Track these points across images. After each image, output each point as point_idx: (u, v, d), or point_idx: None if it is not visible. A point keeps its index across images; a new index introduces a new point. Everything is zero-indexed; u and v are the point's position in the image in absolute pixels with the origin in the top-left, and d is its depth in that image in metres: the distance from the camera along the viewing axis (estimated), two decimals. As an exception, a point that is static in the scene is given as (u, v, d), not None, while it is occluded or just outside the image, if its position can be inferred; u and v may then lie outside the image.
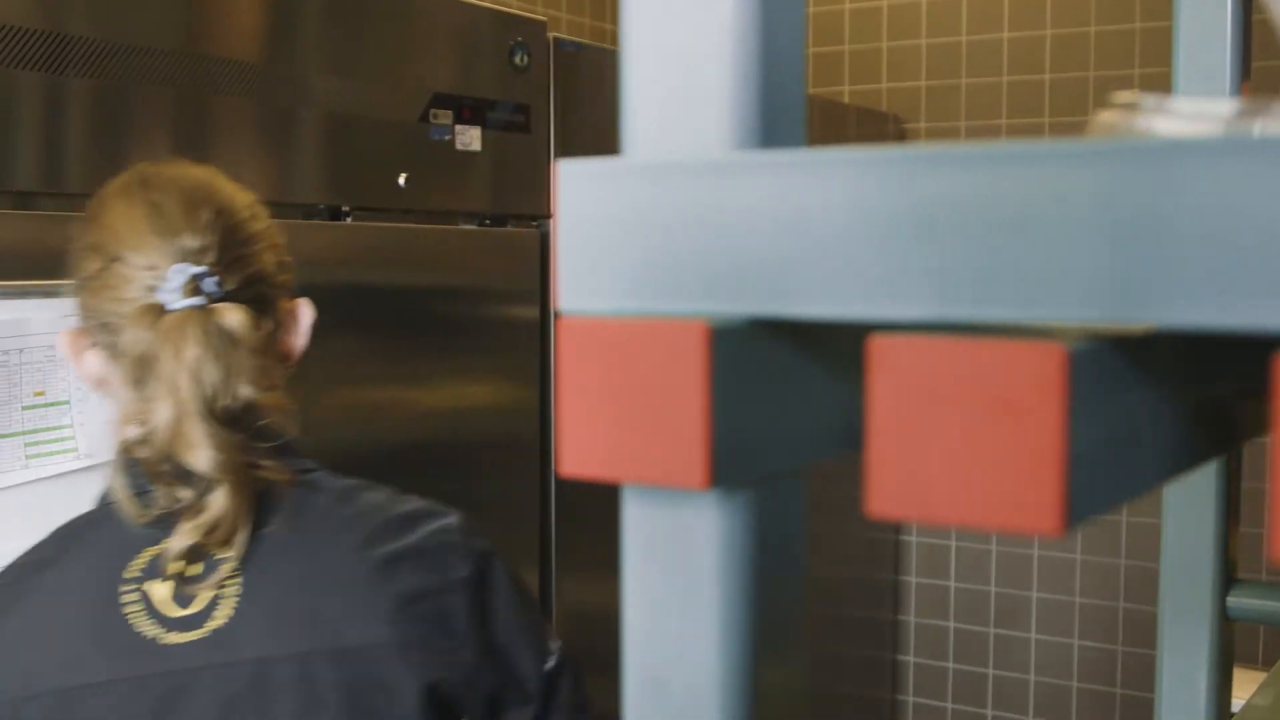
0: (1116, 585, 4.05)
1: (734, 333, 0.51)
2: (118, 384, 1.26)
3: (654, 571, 0.54)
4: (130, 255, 1.24)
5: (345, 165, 2.30)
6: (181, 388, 1.17)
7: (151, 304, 1.21)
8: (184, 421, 1.17)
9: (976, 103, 4.17)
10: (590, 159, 0.55)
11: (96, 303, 1.26)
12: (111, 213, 1.28)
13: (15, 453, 1.76)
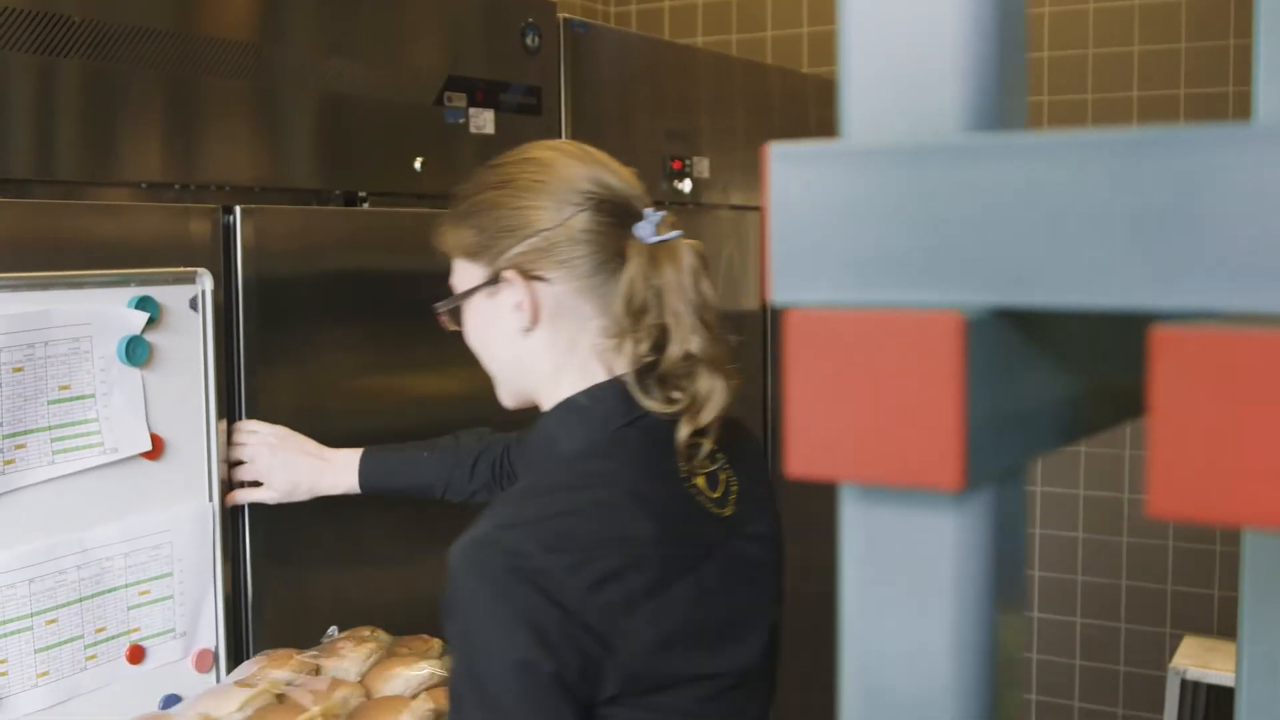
0: (1119, 564, 4.05)
1: (982, 324, 0.48)
2: (580, 315, 1.47)
3: (882, 576, 0.51)
4: (611, 200, 1.46)
5: (360, 150, 2.25)
6: (689, 298, 1.41)
7: (635, 240, 1.44)
8: (696, 324, 1.40)
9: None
10: (804, 143, 0.52)
11: (580, 240, 1.44)
12: (569, 167, 1.47)
13: (42, 448, 1.72)
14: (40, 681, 1.72)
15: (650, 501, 1.39)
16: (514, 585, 1.28)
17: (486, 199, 1.50)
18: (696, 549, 1.42)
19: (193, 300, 1.89)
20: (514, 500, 1.40)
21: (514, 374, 1.54)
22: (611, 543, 1.34)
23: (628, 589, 1.32)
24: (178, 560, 1.89)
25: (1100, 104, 4.01)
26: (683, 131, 3.10)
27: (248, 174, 2.06)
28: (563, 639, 1.28)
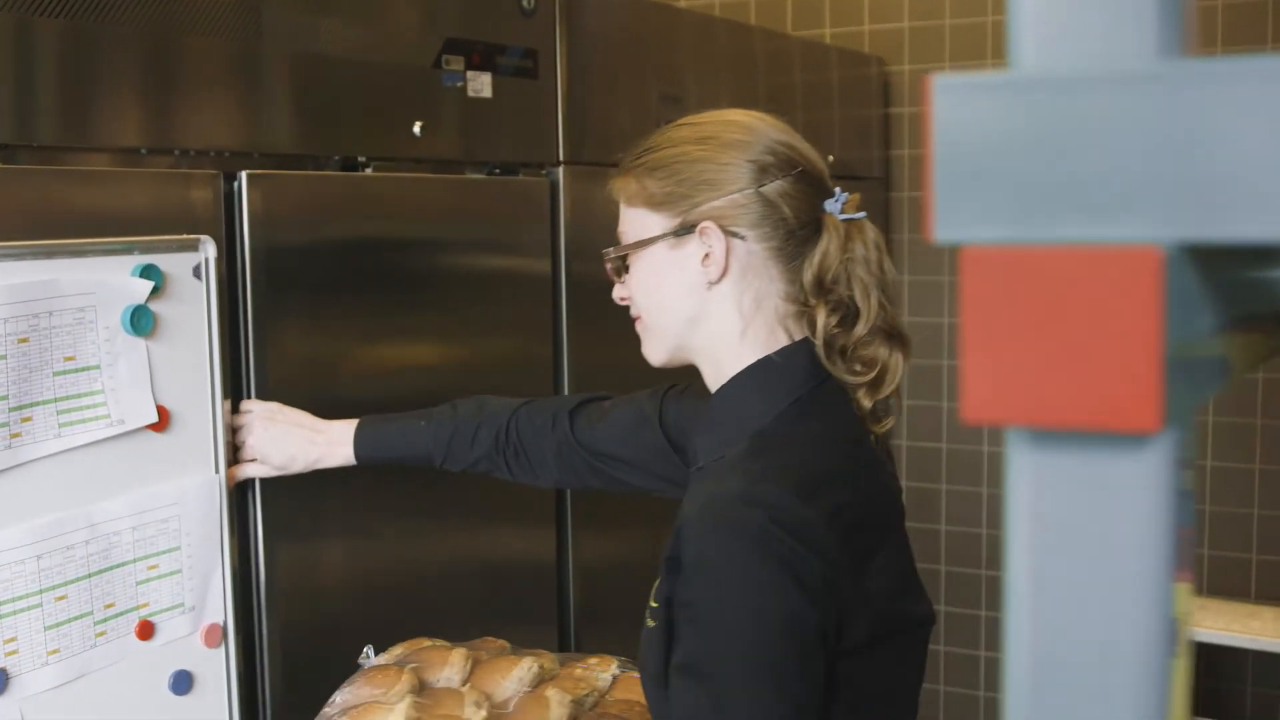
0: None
1: (1175, 259, 0.45)
2: (767, 276, 1.49)
3: (1058, 530, 0.48)
4: (811, 170, 1.49)
5: (359, 114, 2.21)
6: (875, 276, 1.46)
7: (829, 214, 1.47)
8: (882, 300, 1.45)
9: (961, 44, 4.12)
10: (970, 74, 0.49)
11: (781, 203, 1.46)
12: (775, 130, 1.50)
13: (48, 421, 1.67)
14: (51, 659, 1.69)
15: (860, 454, 1.46)
16: (776, 538, 1.30)
17: (685, 152, 1.50)
18: (894, 499, 1.50)
19: (196, 268, 1.85)
20: (745, 461, 1.40)
21: (683, 327, 1.54)
22: (852, 492, 1.41)
23: (868, 538, 1.39)
24: (185, 534, 1.85)
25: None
26: (676, 95, 3.06)
27: (244, 139, 2.02)
28: (826, 591, 1.31)
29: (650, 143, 1.55)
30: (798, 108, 3.69)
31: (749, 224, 1.48)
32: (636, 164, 1.55)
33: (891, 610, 1.41)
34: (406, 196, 2.26)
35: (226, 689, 1.92)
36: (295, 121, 2.09)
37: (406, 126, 2.27)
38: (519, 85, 2.51)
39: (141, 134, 1.86)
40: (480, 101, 2.42)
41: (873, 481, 1.48)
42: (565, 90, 2.64)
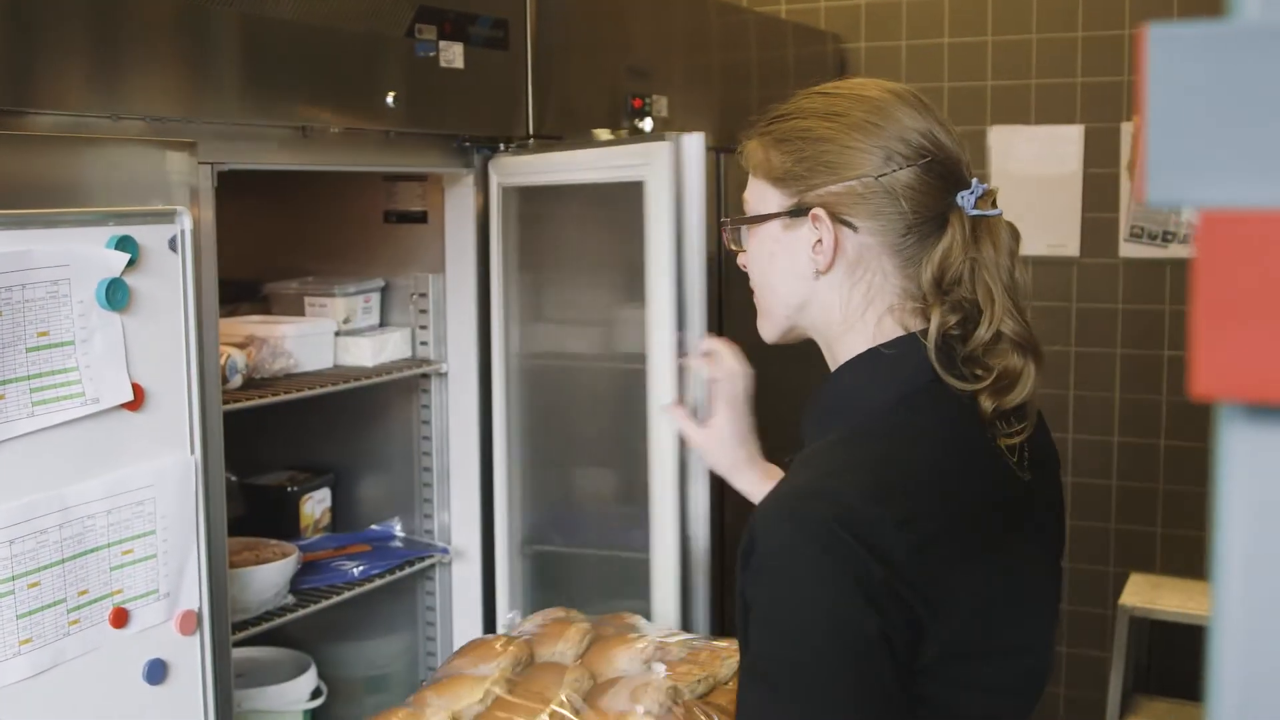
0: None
1: None
2: (880, 270, 1.38)
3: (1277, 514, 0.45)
4: (943, 159, 1.36)
5: (331, 84, 2.14)
6: (1004, 280, 1.34)
7: (958, 208, 1.35)
8: (1008, 305, 1.33)
9: (918, 21, 4.10)
10: (1188, 23, 0.45)
11: (901, 195, 1.34)
12: (906, 116, 1.36)
13: (22, 399, 1.60)
14: (23, 649, 1.62)
15: (967, 459, 1.34)
16: (839, 537, 1.20)
17: (810, 128, 1.39)
18: (1006, 513, 1.36)
19: (172, 240, 1.78)
20: (830, 450, 1.32)
21: (790, 310, 1.45)
22: (934, 497, 1.28)
23: (950, 547, 1.26)
24: (161, 517, 1.78)
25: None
26: (643, 69, 3.01)
27: (214, 107, 1.94)
28: (889, 597, 1.20)
29: (783, 109, 1.44)
30: (753, 84, 3.65)
31: (864, 215, 1.36)
32: (766, 130, 1.44)
33: (979, 629, 1.29)
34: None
35: (201, 678, 1.85)
36: (264, 89, 2.02)
37: (379, 96, 2.21)
38: (489, 56, 2.45)
39: (108, 100, 1.78)
40: (452, 72, 2.36)
41: (983, 484, 1.34)
42: (533, 61, 2.58)
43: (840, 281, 1.39)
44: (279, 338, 2.42)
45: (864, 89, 1.41)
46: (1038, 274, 4.03)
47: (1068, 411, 4.05)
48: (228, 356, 2.22)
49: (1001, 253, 1.34)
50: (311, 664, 2.56)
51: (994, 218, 1.36)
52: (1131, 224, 3.94)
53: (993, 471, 1.34)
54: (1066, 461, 4.05)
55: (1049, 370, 2.92)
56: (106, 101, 1.78)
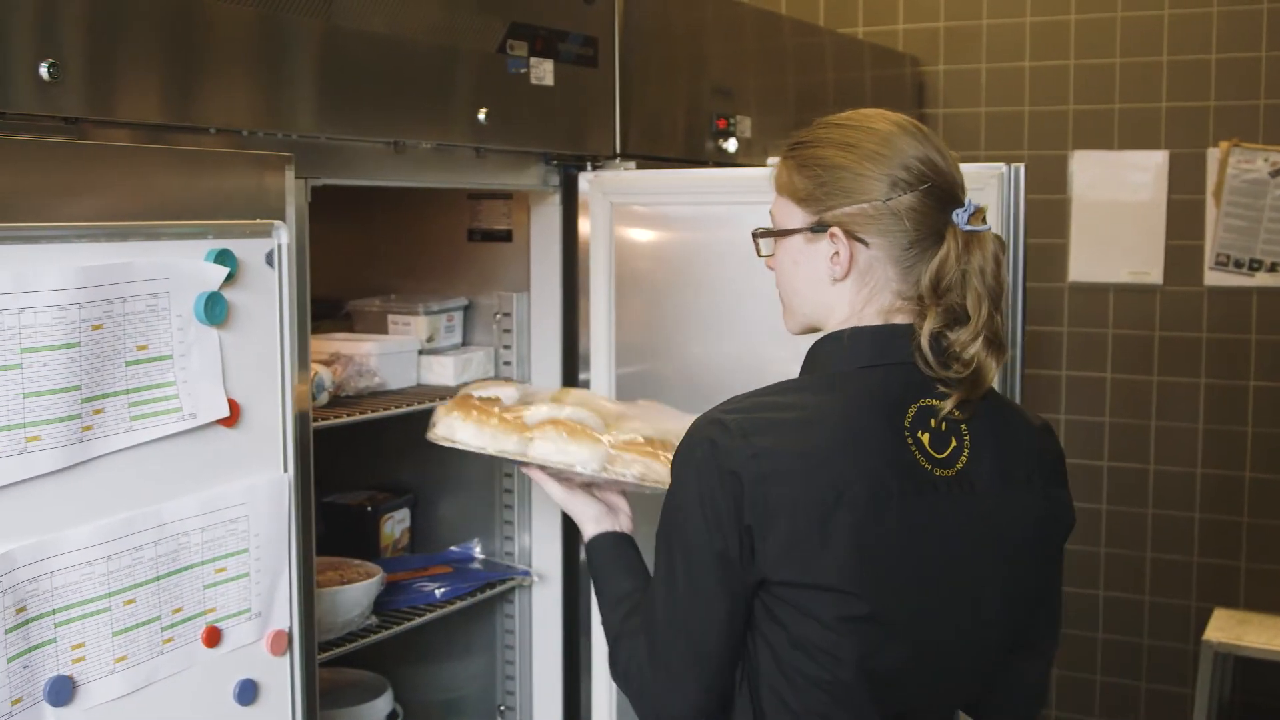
0: (1144, 536, 3.99)
1: None
2: (884, 276, 1.58)
3: None
4: (940, 185, 1.56)
5: (424, 99, 2.12)
6: (988, 287, 1.54)
7: (953, 225, 1.56)
8: (981, 313, 1.53)
9: (999, 44, 4.05)
10: None
11: (904, 217, 1.55)
12: (910, 146, 1.57)
13: (120, 414, 1.58)
14: (118, 667, 1.59)
15: (855, 434, 1.52)
16: (709, 458, 1.50)
17: (829, 157, 1.59)
18: (886, 487, 1.51)
19: (269, 255, 1.75)
20: (760, 391, 1.59)
21: (810, 310, 1.66)
22: (793, 449, 1.50)
23: (793, 491, 1.48)
24: (254, 535, 1.75)
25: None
26: (726, 89, 2.98)
27: (311, 121, 1.93)
28: (730, 516, 1.49)
29: (804, 136, 1.64)
30: (829, 105, 3.61)
31: (874, 233, 1.58)
32: (790, 155, 1.65)
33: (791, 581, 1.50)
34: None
35: (290, 699, 1.82)
36: (359, 104, 2.00)
37: (471, 112, 2.19)
38: (579, 74, 2.43)
39: (207, 114, 1.77)
40: (542, 89, 2.34)
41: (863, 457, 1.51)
42: (620, 80, 2.55)
43: (850, 286, 1.61)
44: (364, 355, 2.40)
45: (872, 121, 1.60)
46: (1119, 302, 3.96)
47: (1149, 442, 3.97)
48: (315, 374, 2.20)
49: (989, 262, 1.55)
50: (388, 686, 2.53)
51: (983, 232, 1.57)
52: (1217, 251, 3.86)
53: (897, 451, 1.53)
54: (1147, 492, 3.98)
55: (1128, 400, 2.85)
56: (205, 115, 1.76)
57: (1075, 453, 4.02)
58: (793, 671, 1.52)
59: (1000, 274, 1.57)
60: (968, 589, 1.56)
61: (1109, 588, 4.05)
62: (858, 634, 1.50)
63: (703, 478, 1.51)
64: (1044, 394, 4.06)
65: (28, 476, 1.47)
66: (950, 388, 1.55)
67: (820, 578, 1.48)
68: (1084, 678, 4.10)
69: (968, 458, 1.57)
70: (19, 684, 1.48)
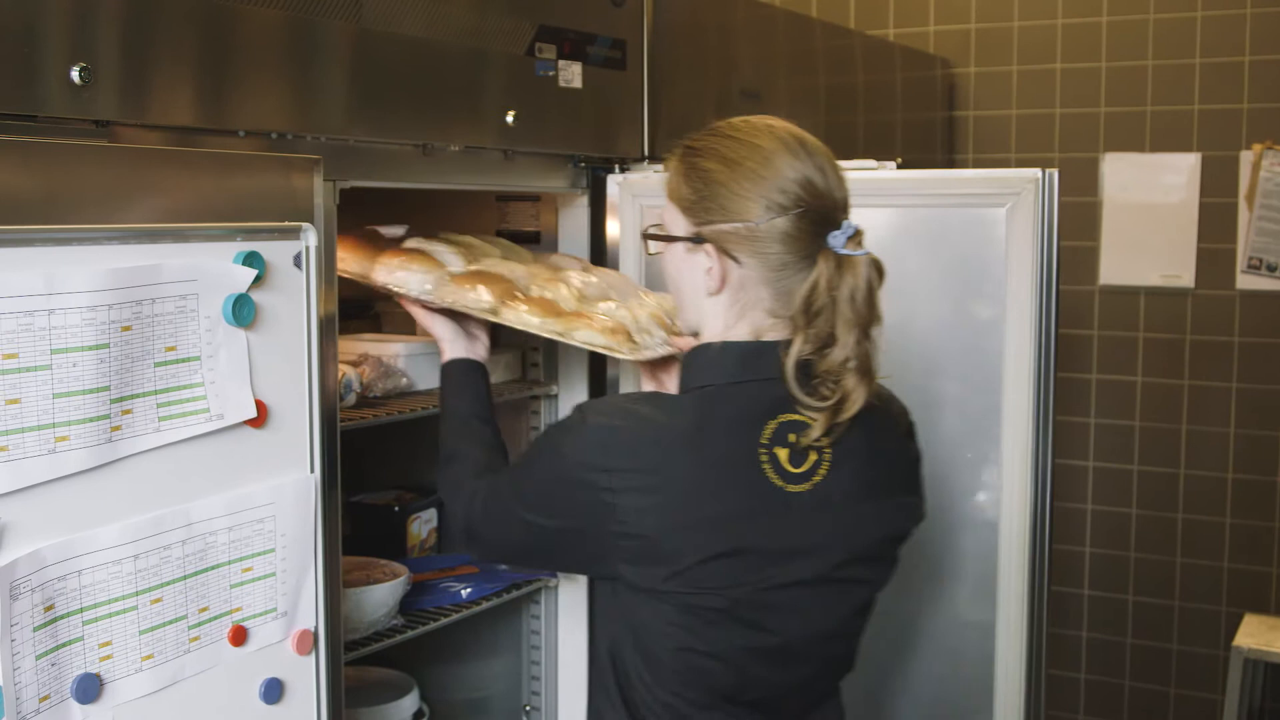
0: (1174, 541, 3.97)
1: None
2: (756, 295, 1.62)
3: None
4: (815, 209, 1.58)
5: (452, 101, 2.13)
6: (858, 313, 1.56)
7: (827, 248, 1.58)
8: (853, 336, 1.56)
9: (1030, 46, 4.04)
10: None
11: (774, 240, 1.58)
12: (788, 167, 1.59)
13: (148, 414, 1.59)
14: (145, 665, 1.60)
15: (701, 447, 1.58)
16: (565, 447, 1.62)
17: (711, 172, 1.63)
18: (734, 508, 1.58)
19: (297, 257, 1.77)
20: (617, 396, 1.79)
21: (692, 315, 1.72)
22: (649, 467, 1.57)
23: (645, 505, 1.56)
24: (280, 535, 1.77)
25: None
26: (754, 91, 2.98)
27: (338, 122, 1.94)
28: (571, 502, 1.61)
29: (695, 141, 1.69)
30: (860, 107, 3.61)
31: (747, 253, 1.61)
32: (682, 160, 1.69)
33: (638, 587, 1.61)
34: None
35: (316, 698, 1.84)
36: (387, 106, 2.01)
37: (499, 114, 2.20)
38: (608, 77, 2.43)
39: (235, 116, 1.78)
40: (570, 91, 2.34)
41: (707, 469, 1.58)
42: (649, 83, 2.56)
43: (724, 301, 1.65)
44: (392, 356, 2.41)
45: (758, 136, 1.63)
46: (1150, 305, 3.95)
47: (1180, 446, 3.96)
48: (343, 374, 2.21)
49: (860, 289, 1.57)
50: (415, 685, 2.54)
51: (857, 257, 1.58)
52: (1250, 255, 3.84)
53: (746, 466, 1.58)
54: (1177, 497, 3.96)
55: (1159, 404, 2.79)
56: (234, 118, 1.78)
57: (1105, 456, 4.00)
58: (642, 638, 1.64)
59: (872, 300, 1.58)
60: (819, 591, 1.63)
61: (1139, 593, 4.03)
62: (708, 628, 1.59)
63: (567, 465, 1.61)
64: (1074, 397, 4.04)
65: (57, 476, 1.49)
66: (815, 413, 1.57)
67: (661, 586, 1.58)
68: (1113, 682, 4.09)
69: (826, 471, 1.61)
70: (47, 681, 1.49)
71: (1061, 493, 4.08)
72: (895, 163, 2.27)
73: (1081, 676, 4.12)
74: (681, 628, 1.60)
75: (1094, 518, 4.05)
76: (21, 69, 1.51)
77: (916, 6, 4.17)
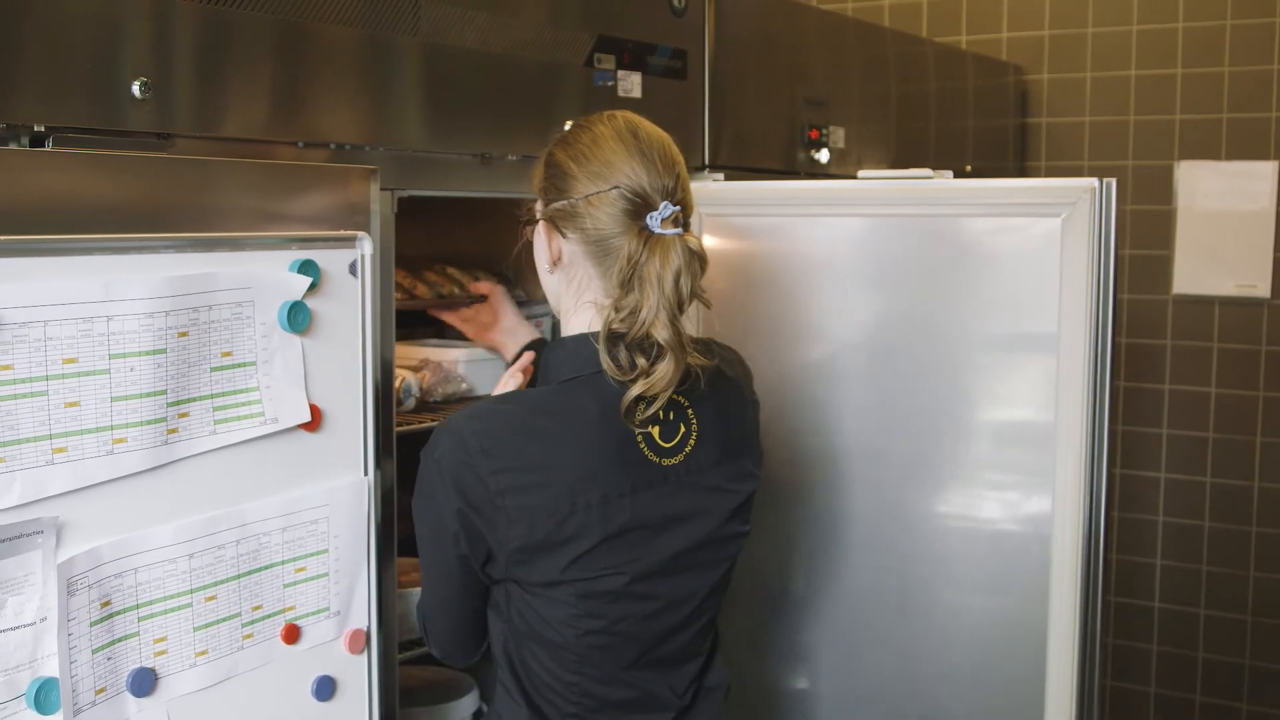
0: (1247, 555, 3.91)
1: None
2: (587, 272, 1.74)
3: None
4: (630, 188, 1.69)
5: (510, 110, 2.16)
6: (665, 290, 1.65)
7: (644, 228, 1.68)
8: (660, 312, 1.65)
9: (1104, 52, 4.00)
10: None
11: (592, 215, 1.70)
12: (612, 152, 1.71)
13: (204, 418, 1.64)
14: (199, 661, 1.65)
15: (585, 439, 1.67)
16: (446, 464, 1.65)
17: (555, 155, 1.77)
18: (617, 488, 1.68)
19: (352, 265, 1.81)
20: (496, 400, 1.75)
21: (547, 292, 1.85)
22: (528, 463, 1.65)
23: (530, 502, 1.64)
24: (334, 537, 1.81)
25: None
26: (819, 99, 2.99)
27: (397, 134, 1.98)
28: (465, 518, 1.65)
29: (563, 134, 1.80)
30: (931, 115, 3.60)
31: (571, 228, 1.73)
32: (550, 149, 1.80)
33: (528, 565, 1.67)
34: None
35: (368, 696, 1.88)
36: (446, 117, 2.05)
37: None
38: (668, 86, 2.46)
39: (296, 127, 1.83)
40: (629, 101, 2.37)
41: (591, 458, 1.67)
42: (710, 93, 2.58)
43: (563, 278, 1.78)
44: (452, 362, 2.45)
45: (595, 124, 1.76)
46: (1224, 315, 3.90)
47: (1254, 458, 3.90)
48: (403, 380, 2.25)
49: (669, 267, 1.66)
50: (475, 685, 2.57)
51: (670, 237, 1.67)
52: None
53: (623, 448, 1.68)
54: (1251, 509, 3.90)
55: (1233, 415, 2.75)
56: (294, 129, 1.82)
57: (1177, 468, 3.96)
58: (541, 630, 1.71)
59: (680, 280, 1.67)
60: (703, 553, 1.77)
61: (1210, 606, 3.98)
62: (608, 607, 1.70)
63: (443, 478, 1.65)
64: (1145, 408, 4.00)
65: (114, 476, 1.54)
66: (626, 383, 1.67)
67: (560, 576, 1.66)
68: (1184, 697, 4.04)
69: (695, 441, 1.75)
70: (103, 675, 1.54)
71: (1132, 504, 4.04)
72: (950, 173, 2.26)
73: (1151, 690, 4.07)
74: (583, 614, 1.69)
75: (1165, 530, 4.00)
76: (84, 84, 1.57)
77: (990, 13, 4.15)
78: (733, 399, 1.84)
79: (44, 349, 1.46)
